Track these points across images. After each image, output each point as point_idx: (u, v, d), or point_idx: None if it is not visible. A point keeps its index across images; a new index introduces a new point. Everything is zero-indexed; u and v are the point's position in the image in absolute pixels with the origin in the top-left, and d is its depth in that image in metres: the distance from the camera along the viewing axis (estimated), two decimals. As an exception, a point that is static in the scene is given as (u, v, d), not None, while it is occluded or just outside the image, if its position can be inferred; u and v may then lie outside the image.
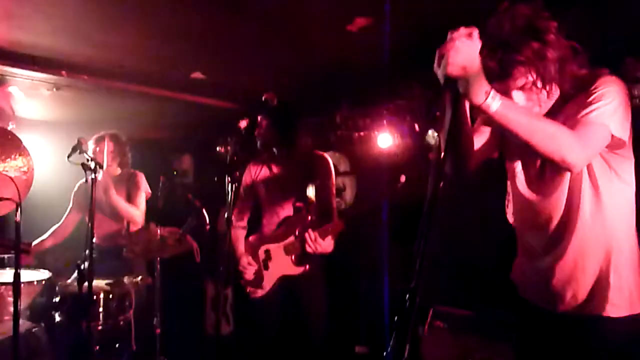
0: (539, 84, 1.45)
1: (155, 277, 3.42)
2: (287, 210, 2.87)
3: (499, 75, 1.42)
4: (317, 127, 3.78)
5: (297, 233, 2.75)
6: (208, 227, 3.29)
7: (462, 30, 1.25)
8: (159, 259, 3.43)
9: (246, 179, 3.05)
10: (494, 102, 1.28)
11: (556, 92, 1.51)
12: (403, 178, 2.42)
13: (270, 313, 2.85)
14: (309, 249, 2.64)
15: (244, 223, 3.11)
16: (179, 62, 3.54)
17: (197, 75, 3.69)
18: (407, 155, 4.14)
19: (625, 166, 1.51)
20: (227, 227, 2.16)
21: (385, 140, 4.28)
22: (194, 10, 2.76)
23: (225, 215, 2.17)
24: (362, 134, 4.39)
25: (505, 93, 1.42)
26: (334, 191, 2.90)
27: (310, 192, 2.81)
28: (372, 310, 4.22)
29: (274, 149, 2.91)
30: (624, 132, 1.43)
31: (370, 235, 3.99)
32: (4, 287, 3.03)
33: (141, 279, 3.42)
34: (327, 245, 2.66)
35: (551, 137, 1.32)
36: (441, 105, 1.48)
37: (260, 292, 2.85)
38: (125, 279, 3.37)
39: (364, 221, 2.94)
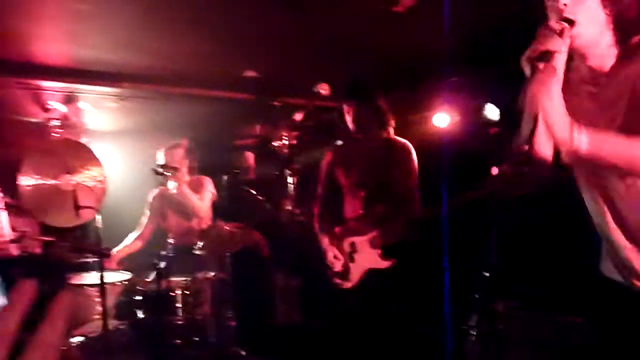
0: None
1: (227, 272, 3.57)
2: (369, 199, 2.80)
3: None
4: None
5: (382, 226, 2.70)
6: (272, 220, 3.38)
7: (555, 26, 1.25)
8: (228, 254, 3.57)
9: (325, 167, 2.99)
10: (582, 139, 1.20)
11: (609, 26, 1.37)
12: (496, 170, 2.32)
13: (358, 305, 2.81)
14: None
15: (325, 213, 3.02)
16: (231, 62, 3.63)
17: (250, 73, 3.77)
18: (467, 133, 4.03)
19: None
20: (291, 219, 2.20)
21: (443, 119, 4.19)
22: (242, 9, 2.82)
23: (288, 208, 2.23)
24: (418, 116, 4.32)
25: None
26: (416, 180, 2.82)
27: (392, 180, 2.75)
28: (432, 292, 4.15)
29: (356, 136, 2.84)
30: None
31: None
32: (91, 288, 3.26)
33: (214, 274, 3.57)
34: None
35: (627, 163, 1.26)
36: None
37: (348, 284, 2.82)
38: (200, 275, 3.54)
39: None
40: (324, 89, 2.29)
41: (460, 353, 2.91)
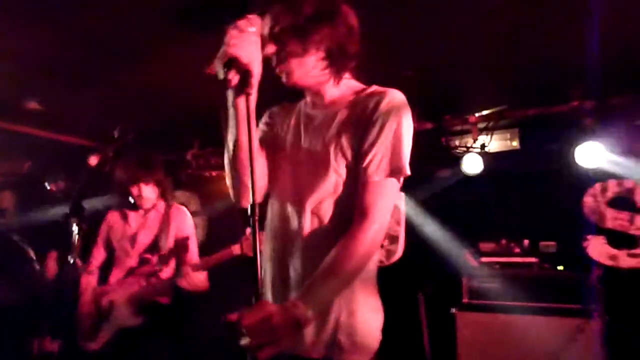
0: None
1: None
2: (135, 260, 2.75)
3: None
4: (167, 165, 3.67)
5: (143, 283, 2.68)
6: (38, 275, 2.90)
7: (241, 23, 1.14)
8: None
9: (103, 226, 2.91)
10: (308, 313, 1.13)
11: (324, 60, 1.27)
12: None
13: None
14: (183, 284, 2.55)
15: (96, 271, 2.90)
16: (9, 87, 3.14)
17: (33, 105, 3.30)
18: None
19: None
20: (72, 273, 1.93)
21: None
22: (30, 33, 2.50)
23: (71, 260, 1.94)
24: (213, 173, 4.35)
25: None
26: (193, 243, 2.82)
27: (163, 242, 2.74)
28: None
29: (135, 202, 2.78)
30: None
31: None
32: None
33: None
34: (202, 281, 2.61)
35: (356, 268, 1.21)
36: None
37: (93, 345, 2.66)
38: None
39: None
40: (125, 134, 2.14)
41: None
